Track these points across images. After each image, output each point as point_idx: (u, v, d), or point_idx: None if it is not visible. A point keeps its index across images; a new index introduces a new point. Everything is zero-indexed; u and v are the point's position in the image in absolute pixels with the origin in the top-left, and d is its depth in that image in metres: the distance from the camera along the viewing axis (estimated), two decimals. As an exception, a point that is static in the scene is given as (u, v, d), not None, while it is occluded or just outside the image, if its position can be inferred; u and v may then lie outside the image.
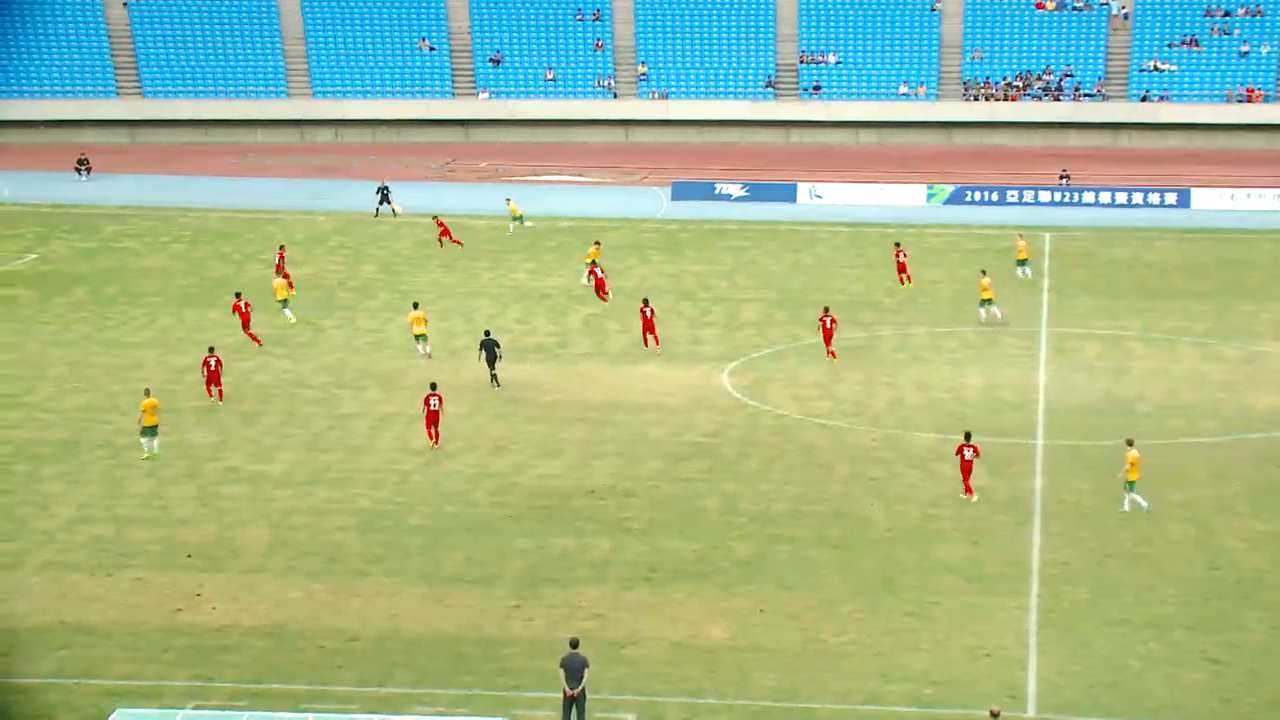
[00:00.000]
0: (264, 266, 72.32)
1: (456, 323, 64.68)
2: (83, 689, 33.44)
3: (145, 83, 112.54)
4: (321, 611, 37.53)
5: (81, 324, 63.36)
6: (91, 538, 41.60)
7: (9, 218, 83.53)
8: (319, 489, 45.61)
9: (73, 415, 51.59)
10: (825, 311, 59.88)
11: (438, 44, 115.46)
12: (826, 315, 59.45)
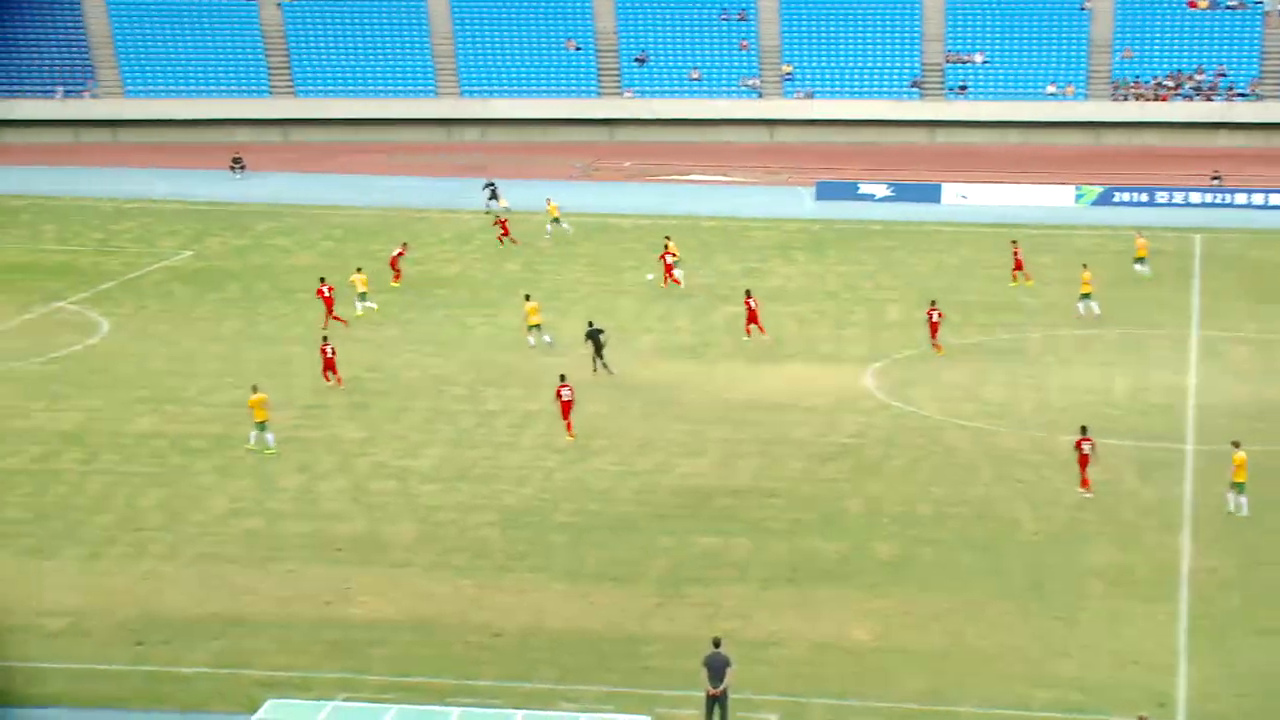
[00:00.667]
0: (414, 265, 72.96)
1: (601, 320, 64.78)
2: (236, 679, 33.96)
3: (298, 82, 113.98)
4: (467, 606, 37.81)
5: (234, 320, 64.31)
6: (244, 531, 42.21)
7: (167, 215, 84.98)
8: (465, 485, 45.96)
9: (225, 410, 52.37)
10: (932, 305, 59.79)
11: (584, 44, 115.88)
12: (934, 309, 59.29)
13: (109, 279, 69.75)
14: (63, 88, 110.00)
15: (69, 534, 41.53)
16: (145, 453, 47.89)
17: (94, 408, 52.12)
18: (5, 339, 60.58)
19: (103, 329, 62.40)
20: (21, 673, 33.95)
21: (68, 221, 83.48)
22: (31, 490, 44.56)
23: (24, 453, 47.60)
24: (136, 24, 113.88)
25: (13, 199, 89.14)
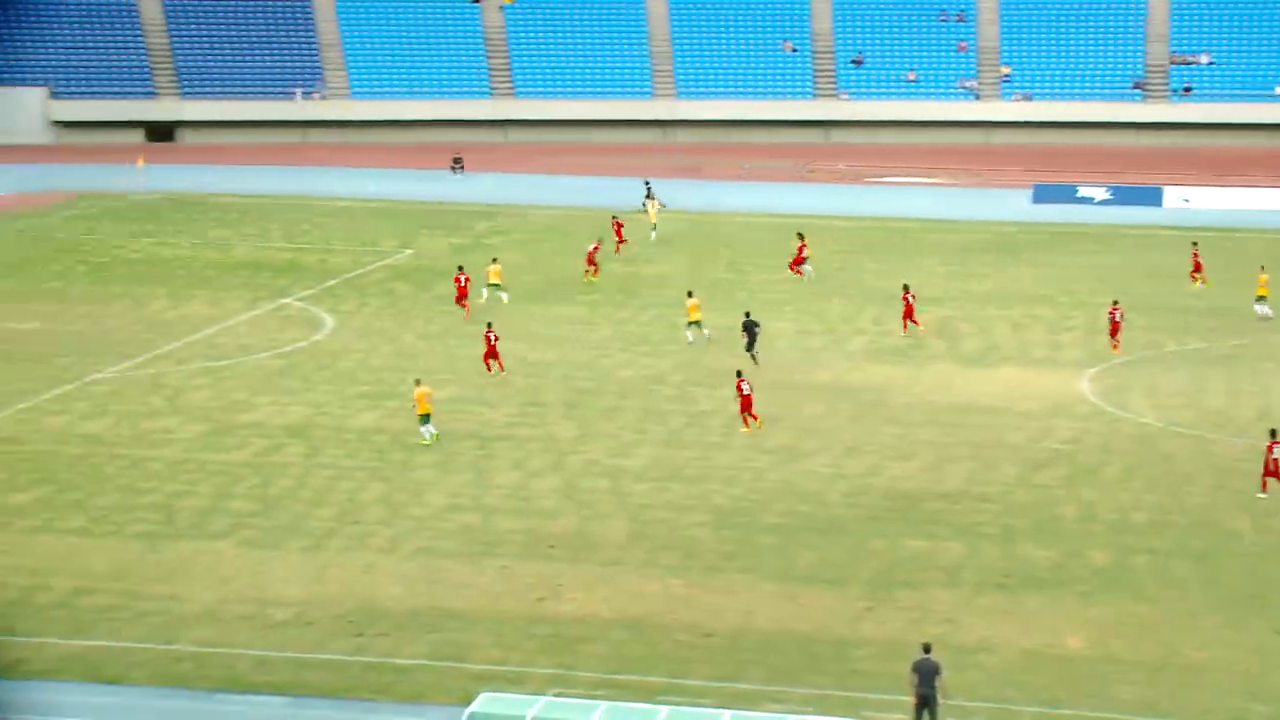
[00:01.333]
0: (620, 264, 73.51)
1: (810, 323, 64.79)
2: (451, 672, 34.53)
3: (518, 84, 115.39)
4: (677, 606, 38.03)
5: (450, 318, 65.29)
6: (461, 525, 42.89)
7: (388, 214, 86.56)
8: (676, 485, 46.21)
9: (443, 406, 53.19)
10: (1115, 304, 59.72)
11: (800, 45, 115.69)
12: (1116, 308, 59.29)
13: (333, 276, 71.30)
14: (301, 89, 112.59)
15: (293, 526, 42.56)
16: (366, 448, 48.88)
17: (318, 402, 53.31)
18: (234, 334, 62.22)
19: (327, 325, 63.79)
20: (248, 659, 34.90)
21: (295, 220, 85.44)
22: (257, 483, 45.74)
23: (250, 446, 48.86)
24: (364, 28, 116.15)
25: (244, 198, 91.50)
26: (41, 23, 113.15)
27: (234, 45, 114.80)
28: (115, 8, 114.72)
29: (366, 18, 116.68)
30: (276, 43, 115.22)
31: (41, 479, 45.53)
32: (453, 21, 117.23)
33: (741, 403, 50.68)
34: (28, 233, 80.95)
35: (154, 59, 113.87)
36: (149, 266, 73.98)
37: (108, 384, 55.05)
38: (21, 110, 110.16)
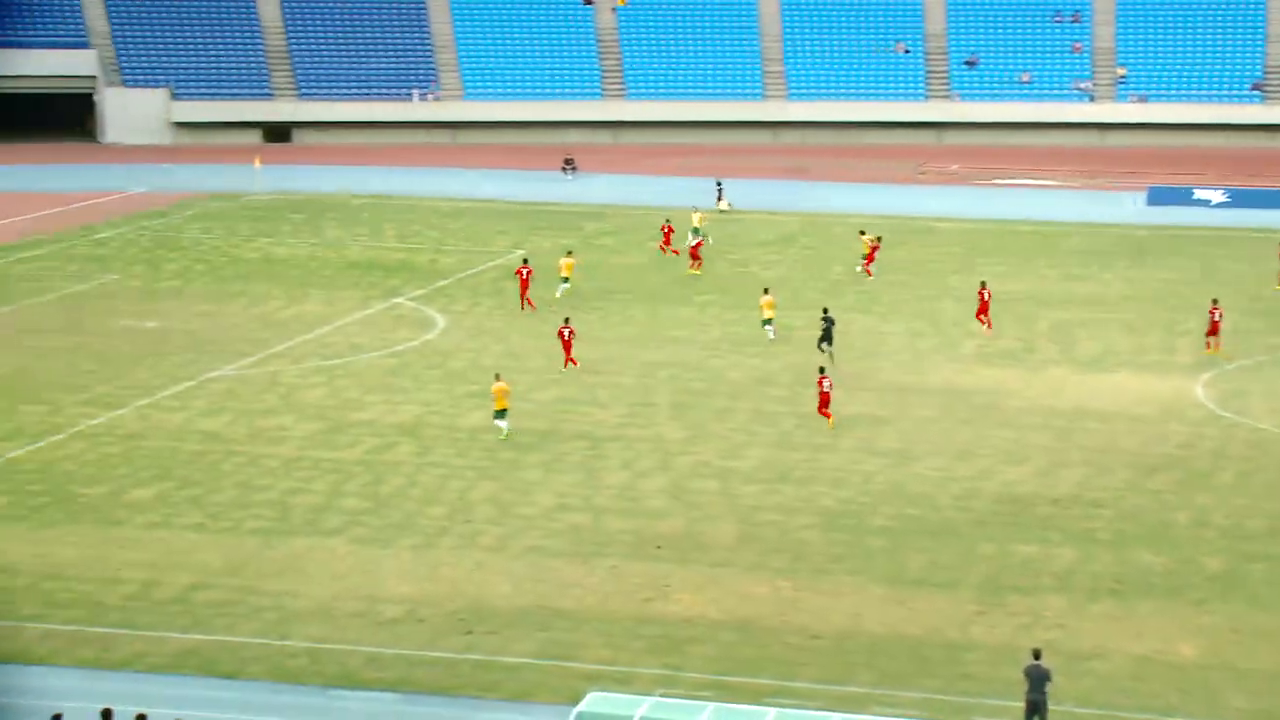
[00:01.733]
0: (731, 265, 73.42)
1: (922, 325, 64.45)
2: (560, 671, 34.64)
3: (629, 85, 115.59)
4: (786, 608, 37.94)
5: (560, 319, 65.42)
6: (570, 525, 43.02)
7: (499, 215, 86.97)
8: (785, 486, 46.10)
9: (552, 406, 53.42)
10: (1214, 304, 59.77)
11: (913, 46, 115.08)
12: (1216, 308, 59.37)
13: (444, 276, 71.72)
14: (419, 90, 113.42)
15: (404, 524, 42.88)
16: (476, 447, 49.13)
17: (429, 401, 53.66)
18: (347, 333, 62.77)
19: (438, 325, 64.20)
20: (360, 655, 35.19)
21: (408, 220, 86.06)
22: (369, 481, 46.10)
23: (362, 444, 49.26)
24: (478, 30, 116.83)
25: (358, 198, 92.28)
26: (163, 25, 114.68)
27: (350, 46, 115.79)
28: (234, 10, 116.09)
29: (480, 19, 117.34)
30: (391, 44, 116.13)
31: (161, 475, 46.16)
32: (566, 23, 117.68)
33: (820, 399, 50.79)
34: (148, 232, 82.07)
35: (271, 60, 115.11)
36: (265, 266, 74.82)
37: (225, 381, 55.71)
38: (143, 111, 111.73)
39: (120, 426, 50.41)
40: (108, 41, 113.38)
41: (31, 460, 47.16)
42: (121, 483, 45.46)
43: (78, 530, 41.96)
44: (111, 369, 56.68)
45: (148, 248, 78.29)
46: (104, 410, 51.93)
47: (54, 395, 53.48)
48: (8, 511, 43.14)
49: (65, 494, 44.48)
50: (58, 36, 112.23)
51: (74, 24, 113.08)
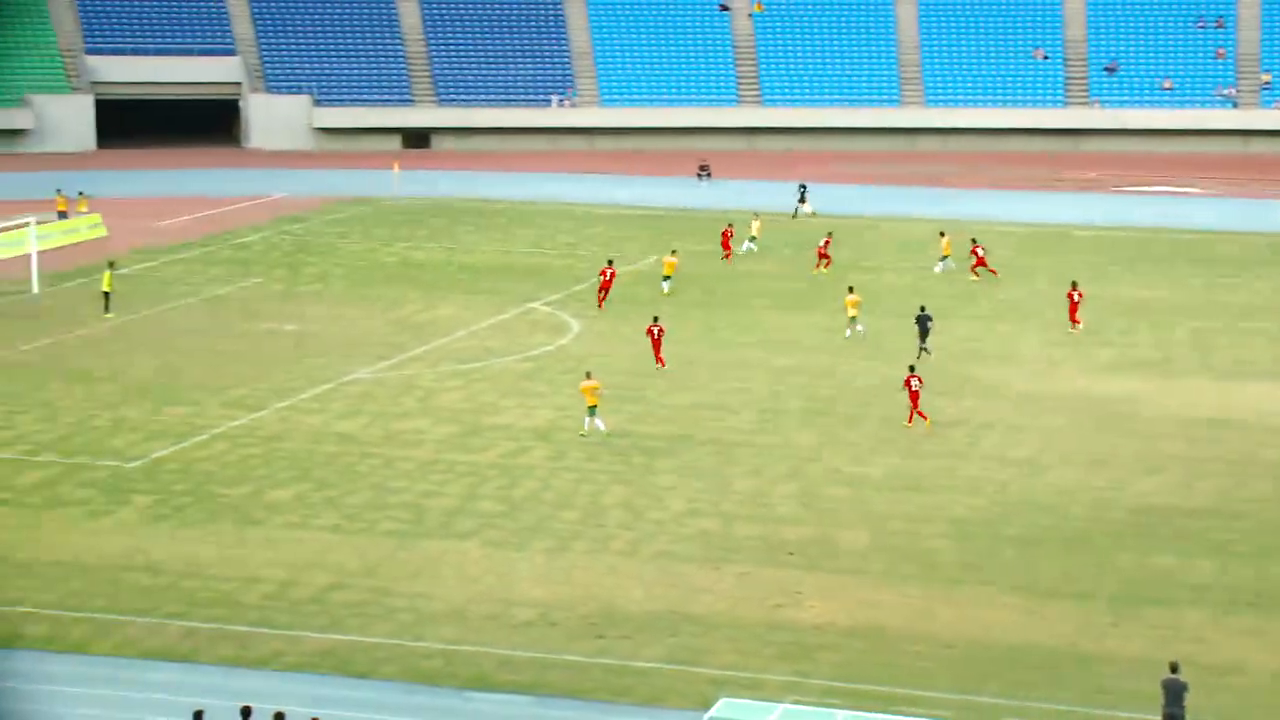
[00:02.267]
0: (865, 273, 73.11)
1: (1056, 333, 63.82)
2: (690, 676, 34.68)
3: (765, 91, 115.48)
4: (916, 616, 37.73)
5: (694, 324, 65.58)
6: (700, 531, 43.05)
7: (633, 221, 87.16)
8: (916, 494, 45.85)
9: (684, 411, 53.48)
10: None
11: (1052, 53, 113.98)
12: None
13: (579, 282, 72.03)
14: (556, 96, 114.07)
15: (537, 528, 43.12)
16: (608, 452, 49.30)
17: (562, 406, 53.90)
18: (483, 337, 63.25)
19: (573, 330, 64.51)
20: (493, 658, 35.45)
21: (543, 226, 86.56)
22: (503, 484, 46.42)
23: (497, 447, 49.60)
24: (615, 36, 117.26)
25: (494, 204, 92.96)
26: (306, 33, 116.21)
27: (489, 53, 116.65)
28: (377, 17, 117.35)
29: (618, 26, 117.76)
30: (530, 50, 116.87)
31: (299, 476, 46.78)
32: (702, 29, 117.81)
33: (910, 397, 51.22)
34: (289, 236, 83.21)
35: (412, 67, 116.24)
36: (403, 270, 75.57)
37: (362, 384, 56.35)
38: (286, 117, 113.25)
39: (261, 428, 51.14)
40: (253, 49, 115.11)
41: (176, 460, 47.99)
42: (261, 483, 46.13)
43: (218, 530, 42.64)
44: (253, 371, 57.53)
45: (289, 252, 79.38)
46: (245, 412, 52.72)
47: (197, 396, 54.38)
48: (153, 511, 43.93)
49: (207, 494, 45.22)
50: (206, 44, 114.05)
51: (222, 32, 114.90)
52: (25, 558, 40.42)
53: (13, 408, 52.85)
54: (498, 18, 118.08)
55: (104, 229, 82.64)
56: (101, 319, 64.54)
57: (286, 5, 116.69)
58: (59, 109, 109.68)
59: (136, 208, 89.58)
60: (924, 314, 59.74)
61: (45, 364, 58.13)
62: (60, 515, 43.47)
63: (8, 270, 72.38)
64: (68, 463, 47.58)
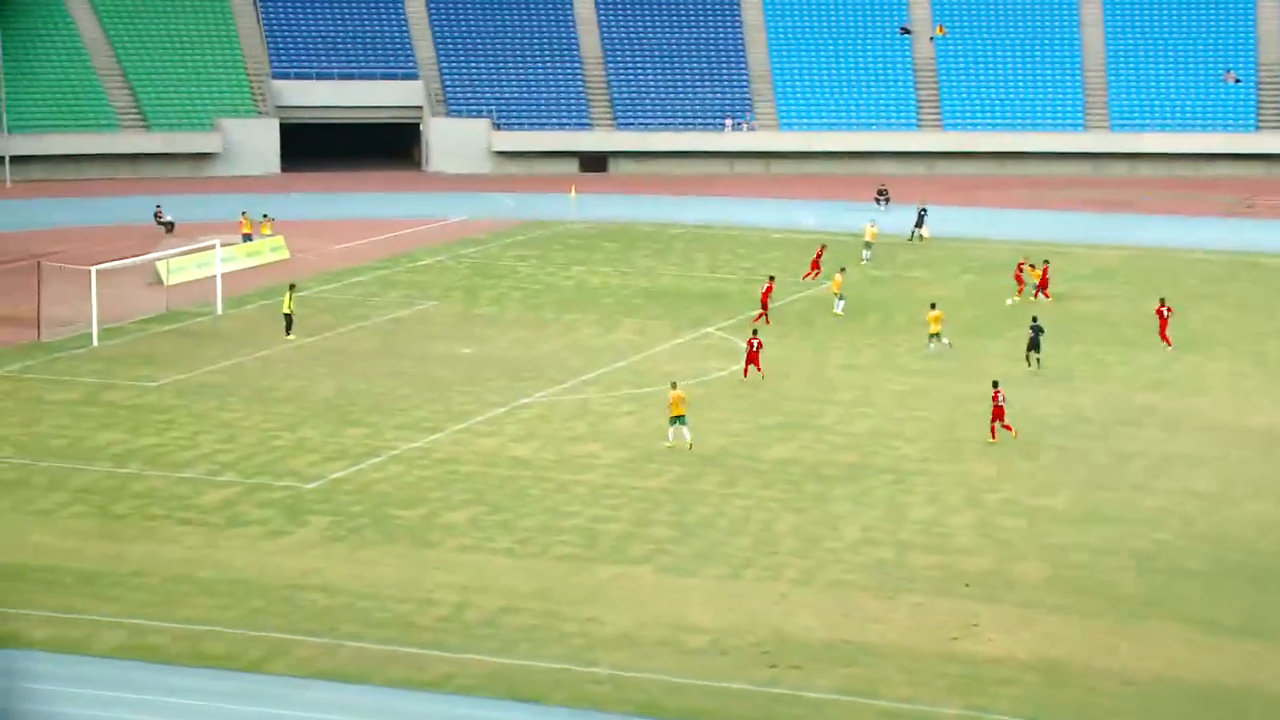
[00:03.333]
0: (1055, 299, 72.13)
1: (1245, 364, 62.57)
2: (861, 708, 34.41)
3: (945, 116, 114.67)
4: (1096, 651, 37.13)
5: (871, 349, 65.25)
6: (875, 560, 42.76)
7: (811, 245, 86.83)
8: (1097, 526, 45.15)
9: (860, 439, 53.19)
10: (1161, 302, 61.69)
11: (1244, 76, 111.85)
12: None
13: (754, 307, 71.94)
14: (732, 120, 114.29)
15: (709, 554, 43.11)
16: (781, 478, 49.17)
17: (734, 432, 53.87)
18: (658, 361, 63.41)
19: (748, 355, 64.36)
20: (662, 684, 35.48)
21: (719, 250, 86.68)
22: (675, 510, 46.47)
23: (669, 473, 49.67)
24: (794, 60, 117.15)
25: (671, 227, 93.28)
26: (488, 56, 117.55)
27: (667, 77, 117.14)
28: (557, 41, 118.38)
29: (797, 49, 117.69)
30: (708, 74, 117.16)
31: (473, 499, 47.22)
32: (883, 52, 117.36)
33: (994, 412, 51.21)
34: (466, 260, 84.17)
35: (590, 90, 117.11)
36: (579, 294, 76.08)
37: (536, 408, 56.77)
38: (465, 141, 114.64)
39: (436, 451, 51.73)
40: (435, 73, 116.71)
41: (352, 481, 48.70)
42: (436, 506, 46.64)
43: (394, 551, 43.18)
44: (428, 394, 58.22)
45: (465, 275, 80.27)
46: (421, 434, 53.36)
47: (374, 418, 55.15)
48: (330, 531, 44.61)
49: (382, 515, 45.82)
50: (389, 68, 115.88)
51: (404, 56, 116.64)
52: (207, 576, 41.24)
53: (197, 428, 53.99)
54: (677, 42, 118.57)
55: (286, 251, 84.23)
56: (283, 340, 65.73)
57: (468, 29, 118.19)
58: (245, 133, 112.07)
59: (318, 230, 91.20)
60: (1036, 324, 60.16)
61: (228, 384, 59.33)
62: (240, 535, 44.31)
63: (193, 292, 74.05)
64: (248, 483, 48.50)
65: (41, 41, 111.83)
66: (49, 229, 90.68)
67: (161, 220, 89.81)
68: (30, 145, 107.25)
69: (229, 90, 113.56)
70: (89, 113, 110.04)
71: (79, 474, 49.07)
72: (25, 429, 53.61)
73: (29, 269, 72.79)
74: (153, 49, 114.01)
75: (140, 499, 46.90)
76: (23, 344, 64.79)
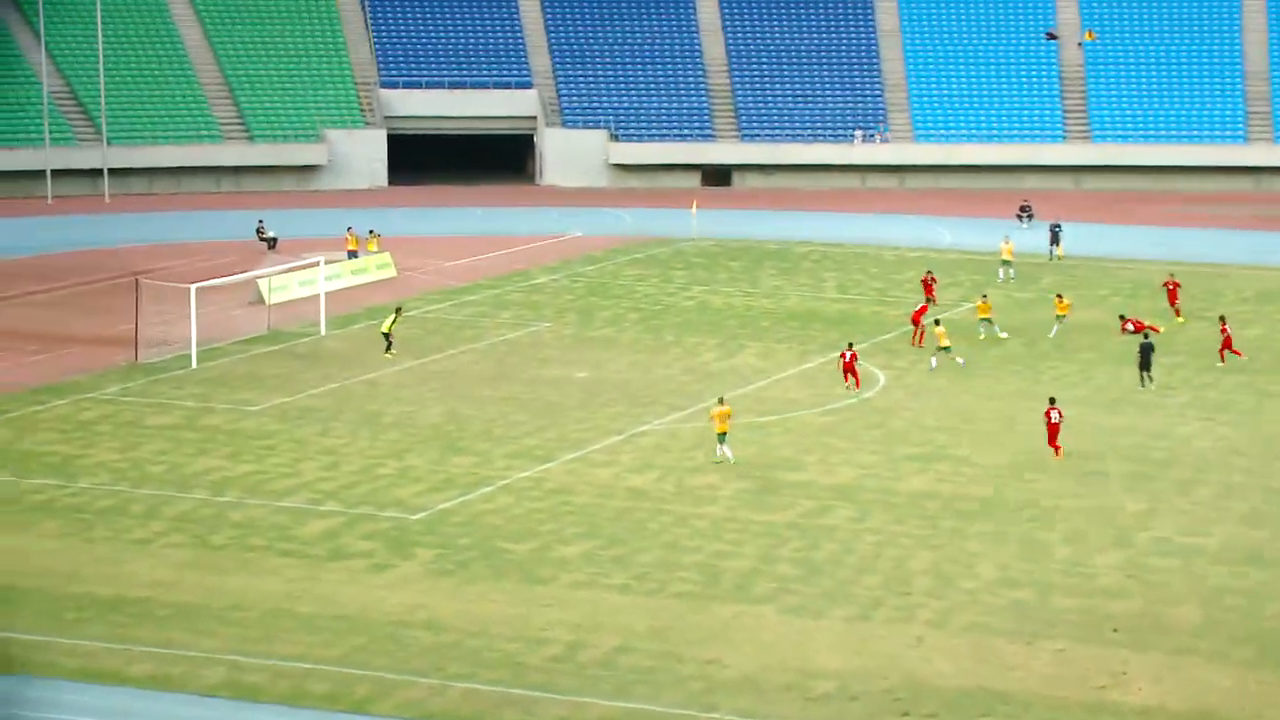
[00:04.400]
0: (1209, 325, 71.31)
1: None
2: (999, 759, 34.23)
3: (1094, 127, 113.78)
4: (1253, 702, 36.65)
5: (1014, 377, 64.84)
6: (1013, 601, 42.45)
7: (949, 265, 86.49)
8: (1255, 569, 44.59)
9: (998, 471, 52.85)
10: None
11: None
12: None
13: (887, 330, 71.75)
14: (861, 131, 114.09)
15: (837, 593, 42.99)
16: (916, 513, 48.98)
17: (867, 464, 53.73)
18: (785, 387, 63.37)
19: (879, 381, 64.25)
20: (784, 731, 35.47)
21: (850, 270, 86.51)
22: (802, 546, 46.41)
23: (796, 507, 49.63)
24: (931, 67, 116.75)
25: (798, 245, 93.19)
26: (605, 65, 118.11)
27: (796, 86, 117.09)
28: (679, 49, 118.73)
29: (934, 56, 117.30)
30: (839, 83, 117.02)
31: (587, 532, 47.40)
32: (1027, 59, 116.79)
33: (1049, 430, 52.32)
34: (583, 279, 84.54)
35: (714, 100, 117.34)
36: (700, 315, 76.20)
37: (655, 436, 56.90)
38: (581, 153, 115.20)
39: (548, 480, 52.00)
40: (550, 82, 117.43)
41: (460, 513, 49.05)
42: (548, 539, 46.88)
43: (503, 587, 43.43)
44: (540, 420, 58.53)
45: (581, 294, 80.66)
46: (532, 463, 53.66)
47: (483, 446, 55.53)
48: (436, 565, 44.95)
49: (492, 549, 46.11)
50: (502, 77, 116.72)
51: (518, 65, 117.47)
52: (308, 611, 41.68)
53: (298, 454, 54.62)
54: (806, 48, 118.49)
55: (393, 269, 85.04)
56: (389, 362, 66.34)
57: (585, 36, 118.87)
58: (352, 144, 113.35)
59: (426, 247, 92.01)
60: (1147, 342, 60.73)
61: (331, 409, 59.98)
62: (343, 568, 44.75)
63: (297, 311, 74.96)
64: (351, 513, 48.99)
65: (143, 50, 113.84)
66: (147, 245, 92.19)
67: (264, 236, 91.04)
68: (130, 157, 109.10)
69: (335, 100, 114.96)
70: (191, 123, 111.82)
71: (176, 502, 49.82)
72: (123, 454, 54.49)
73: (126, 287, 74.08)
74: (257, 57, 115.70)
75: (239, 529, 47.53)
76: (120, 366, 65.87)
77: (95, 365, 65.90)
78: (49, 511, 48.95)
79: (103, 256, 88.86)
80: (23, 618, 40.83)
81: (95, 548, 46.12)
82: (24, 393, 61.77)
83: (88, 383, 63.31)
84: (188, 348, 66.43)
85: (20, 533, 47.32)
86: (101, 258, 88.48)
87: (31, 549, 45.94)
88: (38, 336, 71.20)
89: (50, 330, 72.44)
